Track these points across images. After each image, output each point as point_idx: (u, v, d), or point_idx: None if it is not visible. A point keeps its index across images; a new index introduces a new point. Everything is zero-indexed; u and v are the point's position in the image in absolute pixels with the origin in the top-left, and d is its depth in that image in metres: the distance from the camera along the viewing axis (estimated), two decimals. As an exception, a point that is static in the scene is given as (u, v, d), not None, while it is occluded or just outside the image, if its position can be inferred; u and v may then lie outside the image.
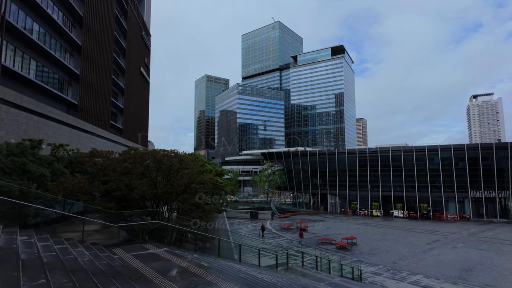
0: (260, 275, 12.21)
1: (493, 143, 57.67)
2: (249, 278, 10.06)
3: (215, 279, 8.60)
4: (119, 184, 15.10)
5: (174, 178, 16.79)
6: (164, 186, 16.33)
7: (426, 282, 23.12)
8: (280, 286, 10.86)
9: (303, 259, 21.11)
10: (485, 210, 57.40)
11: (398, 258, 30.04)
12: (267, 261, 19.90)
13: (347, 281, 17.24)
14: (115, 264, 9.42)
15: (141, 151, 17.01)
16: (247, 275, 10.79)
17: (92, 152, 16.80)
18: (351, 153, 67.91)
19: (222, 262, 13.40)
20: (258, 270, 14.70)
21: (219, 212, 32.01)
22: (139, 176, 16.61)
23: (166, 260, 10.55)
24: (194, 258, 11.37)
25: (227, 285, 8.12)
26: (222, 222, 51.46)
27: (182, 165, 16.90)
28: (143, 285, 7.57)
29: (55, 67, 43.10)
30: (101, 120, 55.43)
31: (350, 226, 49.16)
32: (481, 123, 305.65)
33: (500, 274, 25.48)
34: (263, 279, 11.27)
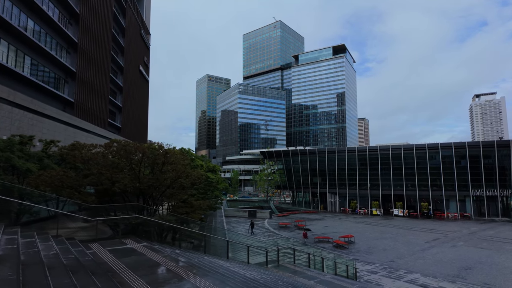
0: (243, 272, 11.67)
1: (495, 141, 56.83)
2: (228, 274, 9.54)
3: (187, 273, 8.08)
4: (100, 178, 14.61)
5: (159, 172, 16.30)
6: (149, 180, 15.84)
7: (423, 281, 22.51)
8: (263, 282, 10.32)
9: (295, 257, 20.55)
10: (486, 209, 56.57)
11: (395, 256, 29.43)
12: (258, 258, 19.37)
13: (340, 279, 16.68)
14: (84, 258, 8.91)
15: (123, 143, 16.47)
16: (227, 271, 10.26)
17: (74, 145, 16.30)
18: (351, 151, 67.25)
19: (206, 259, 12.88)
20: (244, 267, 14.18)
21: (212, 210, 31.45)
22: (125, 169, 16.08)
23: (141, 255, 10.04)
24: (173, 254, 10.86)
25: (198, 280, 7.59)
26: (220, 221, 50.94)
27: (167, 158, 16.36)
28: (104, 279, 7.06)
29: (50, 64, 42.75)
30: (98, 119, 55.06)
31: (349, 224, 48.53)
32: (484, 123, 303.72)
33: (500, 272, 24.83)
34: (244, 275, 10.74)
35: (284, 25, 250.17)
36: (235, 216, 55.62)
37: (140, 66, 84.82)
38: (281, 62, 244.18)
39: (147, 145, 16.83)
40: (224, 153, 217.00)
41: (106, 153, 16.20)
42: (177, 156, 16.90)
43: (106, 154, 16.24)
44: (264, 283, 10.19)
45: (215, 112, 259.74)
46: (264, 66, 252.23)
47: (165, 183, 16.13)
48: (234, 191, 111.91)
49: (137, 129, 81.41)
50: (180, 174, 16.53)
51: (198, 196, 23.94)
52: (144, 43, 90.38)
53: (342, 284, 14.54)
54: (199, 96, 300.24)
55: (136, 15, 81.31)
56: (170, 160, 16.32)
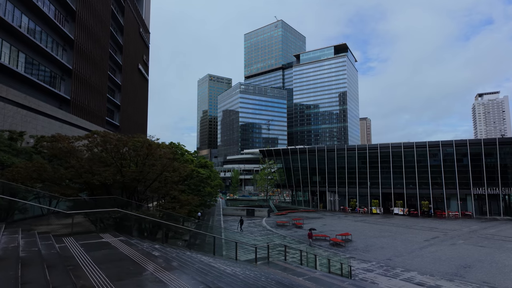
0: (224, 267, 11.14)
1: (496, 138, 55.98)
2: (203, 268, 9.01)
3: (154, 267, 7.55)
4: (79, 170, 14.09)
5: (143, 165, 15.77)
6: (132, 173, 15.32)
7: (420, 279, 21.88)
8: (243, 277, 9.78)
9: (286, 254, 19.98)
10: (488, 207, 55.71)
11: (393, 254, 28.79)
12: (249, 255, 18.85)
13: (331, 276, 16.10)
14: (48, 251, 8.41)
15: (102, 133, 15.93)
16: (204, 266, 9.73)
17: (54, 137, 15.81)
18: (351, 149, 66.59)
19: (187, 254, 12.35)
20: (229, 263, 13.65)
21: (206, 207, 30.89)
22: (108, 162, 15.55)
23: (113, 249, 9.52)
24: (149, 248, 10.32)
25: (163, 273, 7.07)
26: (217, 219, 50.48)
27: (150, 150, 15.82)
28: (59, 272, 6.55)
29: (46, 61, 42.41)
30: (96, 116, 54.70)
31: (348, 223, 47.89)
32: (487, 122, 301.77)
33: (500, 271, 24.16)
34: (224, 271, 10.20)
35: (285, 24, 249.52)
36: (233, 215, 55.09)
37: (139, 64, 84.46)
38: (283, 61, 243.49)
39: (129, 137, 16.32)
40: (225, 152, 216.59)
41: (90, 146, 15.71)
42: (162, 149, 16.37)
43: (91, 147, 15.74)
44: (244, 278, 9.65)
45: (216, 112, 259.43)
46: (266, 65, 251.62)
47: (149, 176, 15.62)
48: (234, 190, 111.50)
49: (136, 127, 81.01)
50: (166, 167, 16.01)
51: (188, 191, 23.40)
52: (143, 42, 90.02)
53: (331, 281, 13.98)
54: (201, 96, 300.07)
55: (135, 14, 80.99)
56: (153, 153, 15.78)
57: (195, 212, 27.19)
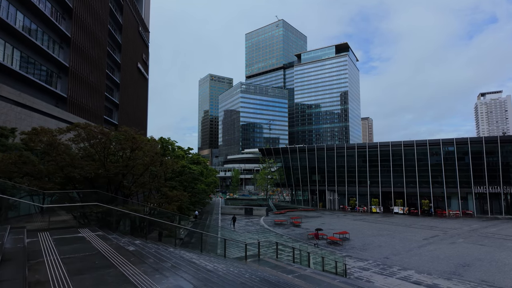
0: (207, 263, 10.68)
1: (498, 136, 55.21)
2: (180, 264, 8.54)
3: (123, 261, 7.10)
4: (59, 163, 13.65)
5: (128, 159, 15.32)
6: (116, 167, 14.88)
7: (417, 278, 21.35)
8: (223, 274, 9.32)
9: (277, 252, 19.49)
10: (489, 206, 55.01)
11: (390, 253, 28.26)
12: (241, 253, 18.37)
13: (323, 274, 15.61)
14: (14, 245, 7.99)
15: (82, 125, 15.45)
16: (182, 262, 9.26)
17: (35, 129, 15.36)
18: (350, 148, 65.99)
19: (171, 250, 11.89)
20: (214, 259, 13.19)
21: (198, 204, 30.30)
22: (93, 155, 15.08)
23: (86, 243, 9.08)
24: (126, 243, 9.87)
25: (130, 267, 6.61)
26: (215, 218, 50.04)
27: (135, 144, 15.35)
28: (14, 266, 6.11)
29: (42, 58, 42.05)
30: (93, 115, 54.32)
31: (346, 222, 47.33)
32: (489, 121, 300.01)
33: (499, 269, 23.59)
34: (205, 267, 9.73)
35: (286, 24, 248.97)
36: (231, 214, 54.54)
37: (139, 63, 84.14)
38: (284, 61, 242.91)
39: (112, 129, 15.83)
40: (226, 152, 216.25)
41: (76, 140, 15.25)
42: (148, 143, 15.91)
43: (76, 141, 15.28)
44: (224, 275, 9.18)
45: (217, 111, 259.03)
46: (267, 65, 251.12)
47: (135, 171, 15.16)
48: (234, 189, 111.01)
49: (136, 126, 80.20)
50: (154, 162, 15.56)
51: (179, 188, 22.93)
52: (142, 41, 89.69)
53: (321, 278, 13.50)
54: (202, 95, 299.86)
55: (134, 12, 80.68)
56: (139, 147, 15.31)
57: (188, 209, 26.72)
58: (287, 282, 11.46)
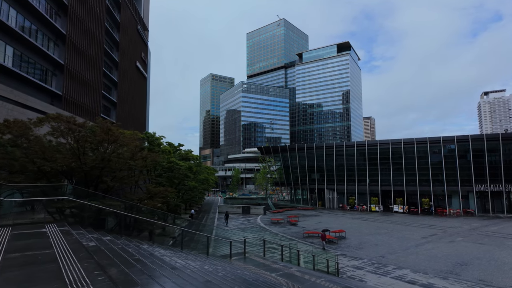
0: (180, 261, 10.07)
1: (499, 134, 54.28)
2: (141, 261, 7.94)
3: (70, 257, 6.49)
4: (29, 156, 13.08)
5: (104, 152, 14.73)
6: (93, 160, 14.29)
7: (412, 277, 20.64)
8: (192, 271, 8.70)
9: (265, 250, 18.82)
10: (491, 204, 54.08)
11: (387, 252, 27.53)
12: (226, 251, 17.73)
13: (309, 273, 14.95)
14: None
15: (51, 115, 14.85)
16: (146, 259, 8.66)
17: (7, 121, 14.77)
18: (349, 146, 65.19)
19: (144, 247, 11.28)
20: (193, 257, 12.57)
21: (191, 201, 29.54)
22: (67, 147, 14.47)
23: (43, 238, 8.49)
24: (90, 239, 9.27)
25: (73, 263, 5.99)
26: (212, 217, 49.49)
27: (111, 137, 14.72)
28: None
29: (36, 56, 41.62)
30: (90, 113, 53.84)
31: (344, 220, 46.59)
32: (492, 120, 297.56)
33: (498, 268, 22.82)
34: (174, 265, 9.12)
35: (287, 23, 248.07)
36: (229, 213, 53.97)
37: (137, 62, 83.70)
38: (285, 60, 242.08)
39: (86, 121, 15.21)
40: (227, 152, 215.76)
41: (53, 133, 14.67)
42: (125, 136, 15.31)
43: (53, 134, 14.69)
44: (192, 272, 8.56)
45: (219, 111, 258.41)
46: (268, 64, 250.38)
47: (112, 165, 14.57)
48: (233, 189, 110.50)
49: (134, 125, 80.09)
50: (133, 156, 14.97)
51: (165, 184, 22.33)
52: (141, 39, 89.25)
53: (306, 277, 12.85)
54: (203, 95, 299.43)
55: (133, 10, 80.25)
56: (116, 139, 14.72)
57: (178, 207, 26.10)
58: (266, 281, 10.82)
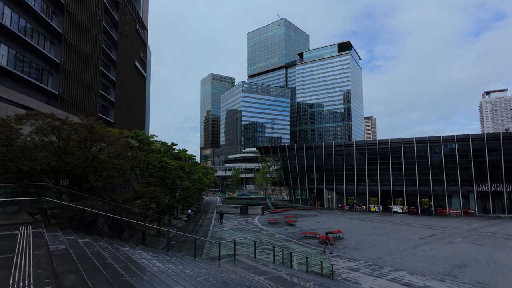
0: (158, 264, 9.63)
1: (500, 133, 53.65)
2: (107, 264, 7.50)
3: (26, 258, 6.06)
4: (7, 154, 12.65)
5: (88, 151, 14.28)
6: (75, 159, 13.85)
7: (408, 279, 20.15)
8: (169, 275, 8.26)
9: (256, 252, 18.35)
10: (491, 205, 53.46)
11: (384, 253, 27.03)
12: (224, 252, 17.28)
13: (299, 276, 14.47)
14: None
15: (31, 112, 14.38)
16: (115, 261, 8.22)
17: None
18: (349, 146, 64.66)
19: (124, 250, 10.83)
20: (176, 260, 12.13)
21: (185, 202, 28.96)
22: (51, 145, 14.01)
23: (11, 241, 8.06)
24: (60, 242, 8.83)
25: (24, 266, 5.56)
26: (209, 217, 49.12)
27: (94, 135, 14.27)
28: None
29: (31, 54, 41.27)
30: (87, 113, 53.39)
31: (343, 221, 46.09)
32: (494, 120, 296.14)
33: (498, 270, 22.31)
34: (150, 269, 8.68)
35: (288, 22, 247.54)
36: (227, 213, 53.60)
37: (136, 61, 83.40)
38: (286, 60, 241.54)
39: (66, 118, 14.76)
40: (228, 152, 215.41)
41: (38, 131, 14.26)
42: (111, 134, 14.88)
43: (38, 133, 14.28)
44: (164, 278, 8.11)
45: (219, 111, 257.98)
46: (269, 64, 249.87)
47: (97, 164, 14.11)
48: (233, 189, 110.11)
49: (133, 125, 79.87)
50: (119, 155, 14.54)
51: (155, 183, 21.86)
52: (140, 39, 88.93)
53: (294, 280, 12.39)
54: (204, 95, 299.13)
55: (131, 10, 79.93)
56: (100, 137, 14.28)
57: (171, 207, 25.64)
58: (251, 285, 10.38)
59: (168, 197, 28.08)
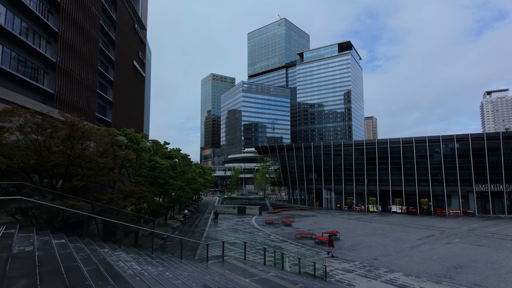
0: (135, 266, 9.24)
1: (500, 132, 53.15)
2: (74, 267, 7.13)
3: None
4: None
5: (71, 149, 13.90)
6: (57, 157, 13.48)
7: (403, 281, 19.74)
8: (144, 278, 7.88)
9: (245, 253, 17.94)
10: (491, 205, 52.95)
11: (380, 254, 26.61)
12: (213, 253, 16.91)
13: (287, 279, 14.08)
14: None
15: (6, 108, 13.96)
16: (83, 263, 7.83)
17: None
18: (347, 146, 64.21)
19: (102, 251, 10.45)
20: (158, 262, 11.74)
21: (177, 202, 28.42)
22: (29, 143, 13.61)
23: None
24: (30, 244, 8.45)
25: None
26: (206, 217, 48.75)
27: (75, 132, 13.88)
28: None
29: (26, 53, 40.96)
30: (84, 112, 53.13)
31: (341, 221, 45.65)
32: (495, 120, 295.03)
33: (495, 272, 21.86)
34: (124, 271, 8.29)
35: (288, 22, 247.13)
36: (224, 213, 53.24)
37: (134, 61, 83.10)
38: (286, 60, 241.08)
39: (46, 115, 14.37)
40: (228, 152, 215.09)
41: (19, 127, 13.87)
42: (95, 131, 14.50)
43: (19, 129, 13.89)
44: (140, 281, 7.73)
45: (220, 111, 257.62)
46: (269, 64, 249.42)
47: (78, 162, 13.72)
48: (232, 188, 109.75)
49: (131, 125, 79.43)
50: (103, 152, 14.16)
51: (144, 183, 21.45)
52: (139, 38, 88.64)
53: (281, 282, 12.00)
54: (204, 95, 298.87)
55: (129, 9, 79.62)
56: (82, 135, 13.88)
57: (163, 207, 25.24)
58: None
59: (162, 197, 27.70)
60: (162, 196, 29.68)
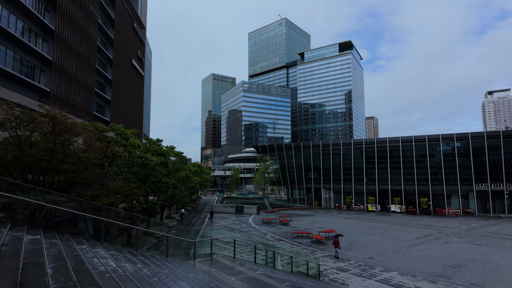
0: (111, 263, 8.86)
1: (501, 131, 52.62)
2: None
3: None
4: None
5: (53, 144, 13.52)
6: (39, 152, 13.11)
7: (398, 280, 19.31)
8: (117, 275, 7.49)
9: (235, 251, 17.54)
10: (491, 204, 52.40)
11: (376, 253, 26.17)
12: (207, 251, 16.50)
13: (275, 278, 13.68)
14: None
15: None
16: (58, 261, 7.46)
17: None
18: (346, 145, 63.73)
19: (80, 248, 10.07)
20: (139, 259, 11.35)
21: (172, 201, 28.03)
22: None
23: None
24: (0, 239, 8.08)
25: None
26: (203, 216, 48.42)
27: (58, 126, 13.49)
28: None
29: (22, 51, 40.72)
30: (82, 111, 52.90)
31: (338, 220, 45.21)
32: (497, 120, 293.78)
33: (493, 271, 21.41)
34: (97, 268, 7.92)
35: (289, 22, 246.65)
36: (222, 212, 52.90)
37: (133, 60, 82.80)
38: (287, 60, 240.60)
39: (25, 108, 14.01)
40: (229, 151, 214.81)
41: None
42: (77, 125, 14.12)
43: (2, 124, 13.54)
44: (110, 278, 7.34)
45: (220, 111, 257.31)
46: (270, 64, 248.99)
47: (60, 157, 13.34)
48: (231, 188, 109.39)
49: (130, 124, 79.17)
50: (87, 147, 13.79)
51: (133, 180, 21.02)
52: (138, 37, 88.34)
53: (267, 281, 11.61)
54: (205, 95, 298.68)
55: (128, 8, 79.34)
56: (64, 129, 13.51)
57: (155, 204, 24.83)
58: (218, 286, 9.60)
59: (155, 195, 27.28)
60: (156, 195, 29.28)
